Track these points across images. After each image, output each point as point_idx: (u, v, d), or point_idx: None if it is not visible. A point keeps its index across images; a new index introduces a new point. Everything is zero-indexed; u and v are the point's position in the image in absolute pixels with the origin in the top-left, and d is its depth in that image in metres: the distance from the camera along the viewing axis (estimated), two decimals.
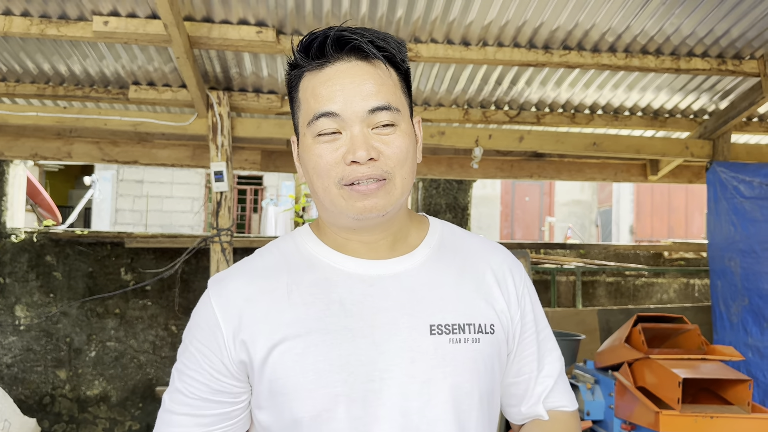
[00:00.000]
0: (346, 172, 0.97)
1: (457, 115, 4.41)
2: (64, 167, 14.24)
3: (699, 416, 2.64)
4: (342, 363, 0.97)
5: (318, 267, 1.05)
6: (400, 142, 1.00)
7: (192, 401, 1.02)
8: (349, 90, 0.97)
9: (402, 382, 0.98)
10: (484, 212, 15.23)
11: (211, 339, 1.02)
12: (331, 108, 0.97)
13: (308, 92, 1.00)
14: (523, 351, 1.14)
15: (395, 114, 1.00)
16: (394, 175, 1.00)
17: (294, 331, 0.99)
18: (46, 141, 4.61)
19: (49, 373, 5.09)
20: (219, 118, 4.04)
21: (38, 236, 5.16)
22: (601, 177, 5.35)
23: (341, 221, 1.04)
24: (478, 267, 1.11)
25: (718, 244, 4.32)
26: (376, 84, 0.99)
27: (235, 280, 1.06)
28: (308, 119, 1.00)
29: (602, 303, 5.88)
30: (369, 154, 0.96)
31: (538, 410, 1.15)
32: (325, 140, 0.98)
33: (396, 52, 1.02)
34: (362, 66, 0.99)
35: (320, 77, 0.99)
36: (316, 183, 1.01)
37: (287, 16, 3.33)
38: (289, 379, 0.97)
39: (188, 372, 1.03)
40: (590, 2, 3.24)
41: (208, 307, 1.04)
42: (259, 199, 14.07)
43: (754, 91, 3.98)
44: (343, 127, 0.98)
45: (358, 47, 0.98)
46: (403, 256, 1.07)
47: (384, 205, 1.00)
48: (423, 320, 1.02)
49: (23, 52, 3.71)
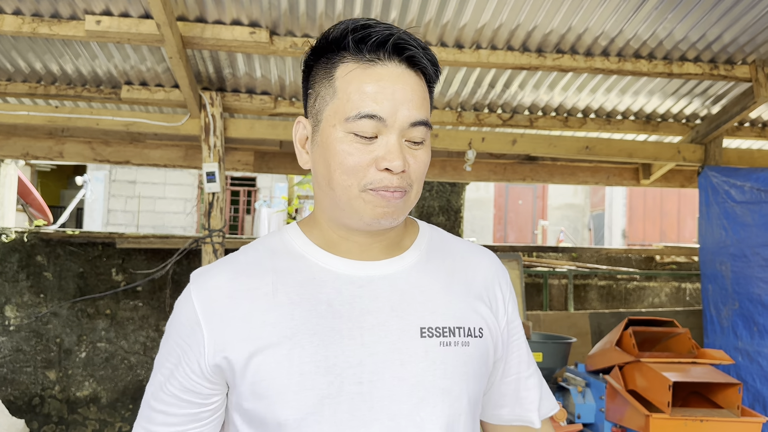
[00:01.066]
0: (377, 177, 0.96)
1: (451, 118, 4.42)
2: (56, 167, 14.18)
3: (689, 420, 2.64)
4: (329, 365, 0.95)
5: (306, 266, 1.03)
6: (424, 158, 1.00)
7: (167, 398, 1.01)
8: (399, 96, 0.95)
9: (391, 384, 0.97)
10: (477, 215, 15.25)
11: (190, 336, 0.99)
12: (378, 111, 0.94)
13: (352, 85, 0.96)
14: (512, 353, 1.14)
15: (428, 131, 1.00)
16: (412, 188, 1.00)
17: (279, 331, 0.96)
18: (37, 140, 4.59)
19: (38, 374, 5.05)
20: (212, 119, 4.03)
21: (29, 236, 5.13)
22: (594, 181, 5.37)
23: (351, 220, 1.01)
24: (466, 271, 1.10)
25: (709, 248, 4.33)
26: (420, 97, 0.98)
27: (217, 275, 1.02)
28: (348, 114, 0.95)
29: (594, 306, 5.89)
30: (403, 166, 0.95)
31: (532, 417, 1.15)
32: (359, 140, 0.96)
33: (438, 69, 1.02)
34: (411, 75, 0.98)
35: (370, 74, 0.96)
36: (337, 179, 0.97)
37: (281, 17, 3.33)
38: (274, 381, 0.95)
39: (167, 365, 1.02)
40: (583, 6, 3.25)
41: (189, 303, 1.01)
42: (252, 200, 14.04)
43: (745, 96, 4.00)
44: (381, 132, 0.96)
45: (415, 57, 0.97)
46: (393, 258, 1.06)
47: (399, 215, 1.00)
48: (413, 323, 1.00)
49: (15, 50, 3.70)
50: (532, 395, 1.16)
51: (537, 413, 1.15)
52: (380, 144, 0.96)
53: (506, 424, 1.18)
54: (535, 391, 1.16)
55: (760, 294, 3.85)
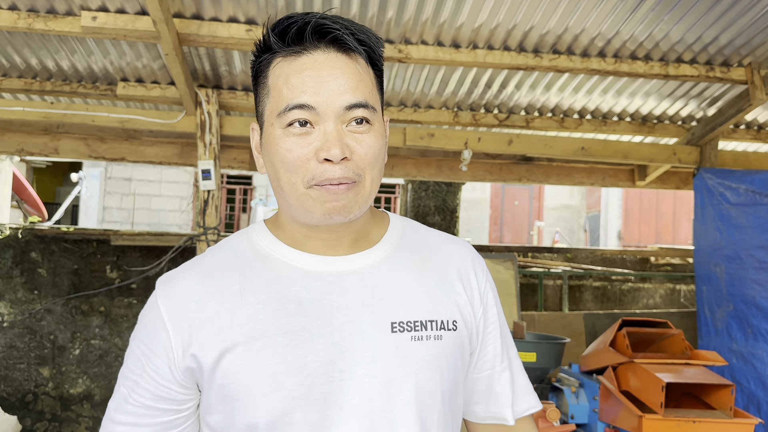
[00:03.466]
0: (318, 171, 0.92)
1: (447, 118, 4.42)
2: (51, 164, 14.13)
3: (682, 420, 2.65)
4: (299, 365, 0.93)
5: (273, 265, 1.00)
6: (373, 142, 0.95)
7: (135, 409, 0.98)
8: (327, 83, 0.92)
9: (362, 382, 0.95)
10: (473, 215, 15.26)
11: (157, 342, 0.97)
12: (306, 100, 0.92)
13: (281, 79, 0.94)
14: (487, 346, 1.11)
15: (371, 112, 0.95)
16: (365, 176, 0.95)
17: (247, 332, 0.94)
18: (32, 136, 4.58)
19: (32, 371, 5.04)
20: (207, 116, 4.02)
21: (23, 232, 5.12)
22: (590, 182, 5.37)
23: (305, 218, 0.98)
24: (440, 262, 1.08)
25: (704, 249, 4.34)
26: (354, 79, 0.94)
27: (183, 281, 1.00)
28: (279, 109, 0.94)
29: (589, 307, 5.90)
30: (343, 153, 0.91)
31: (505, 414, 1.11)
32: (295, 133, 0.93)
33: (375, 48, 0.98)
34: (341, 59, 0.94)
35: (295, 65, 0.93)
36: (282, 177, 0.95)
37: (277, 14, 3.32)
38: (243, 384, 0.93)
39: (132, 376, 0.99)
40: (580, 7, 3.25)
41: (155, 309, 0.98)
42: (248, 198, 14.03)
43: (741, 99, 4.01)
44: (317, 122, 0.93)
45: (339, 38, 0.93)
46: (362, 252, 1.03)
47: (352, 207, 0.95)
48: (384, 318, 0.98)
49: (10, 46, 3.68)
50: (505, 391, 1.11)
51: (510, 410, 1.11)
52: (317, 134, 0.93)
53: (481, 422, 1.14)
54: (509, 386, 1.12)
55: (755, 296, 3.86)
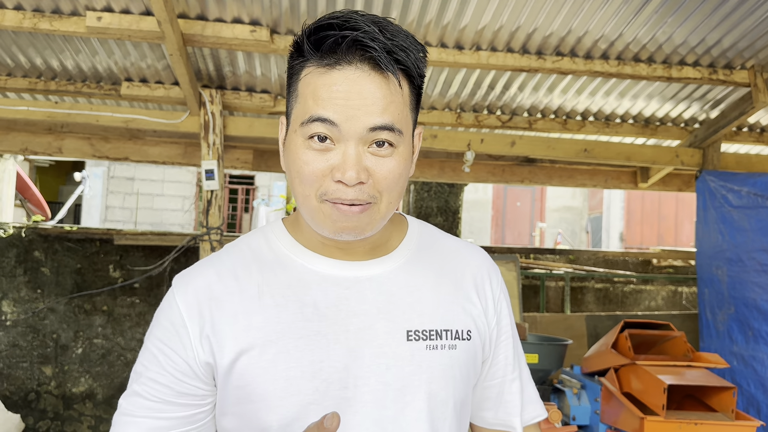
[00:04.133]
0: (331, 188, 0.90)
1: (450, 119, 4.42)
2: (54, 163, 14.17)
3: (683, 422, 2.65)
4: (314, 370, 0.93)
5: (291, 267, 1.00)
6: (393, 166, 0.92)
7: (153, 404, 0.96)
8: (353, 102, 0.88)
9: (376, 389, 0.95)
10: (475, 216, 15.26)
11: (175, 339, 0.95)
12: (330, 116, 0.88)
13: (309, 89, 0.91)
14: (499, 355, 1.11)
15: (397, 136, 0.91)
16: (381, 199, 0.92)
17: (264, 335, 0.94)
18: (36, 136, 4.59)
19: (34, 370, 5.05)
20: (211, 117, 4.04)
21: (27, 231, 5.13)
22: (592, 183, 5.38)
23: (317, 230, 0.97)
24: (456, 271, 1.07)
25: (706, 252, 4.35)
26: (384, 101, 0.89)
27: (202, 278, 0.99)
28: (303, 118, 0.91)
29: (590, 309, 5.90)
30: (359, 177, 0.88)
31: (514, 423, 1.12)
32: (316, 147, 0.90)
33: (414, 66, 0.93)
34: (374, 77, 0.89)
35: (325, 79, 0.89)
36: (297, 188, 0.94)
37: (282, 15, 3.33)
38: (258, 387, 0.93)
39: (149, 374, 0.96)
40: (584, 9, 3.26)
41: (173, 306, 0.97)
42: (250, 198, 14.04)
43: (744, 101, 4.01)
44: (338, 139, 0.89)
45: (373, 59, 0.89)
46: (380, 258, 1.02)
47: (363, 229, 0.93)
48: (400, 325, 0.98)
49: (15, 45, 3.70)
50: (515, 399, 1.13)
51: (519, 418, 1.12)
52: (336, 153, 0.90)
53: (490, 427, 1.15)
54: (518, 395, 1.13)
55: (756, 299, 3.87)
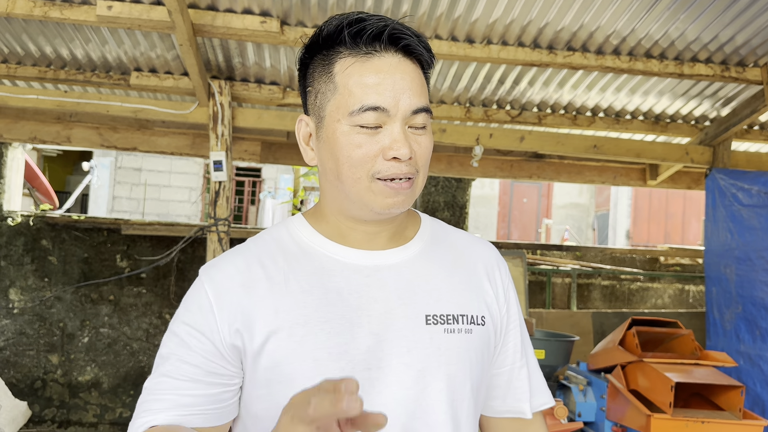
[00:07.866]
0: (385, 166, 0.98)
1: (459, 113, 4.41)
2: (62, 152, 14.20)
3: (690, 421, 2.64)
4: (340, 351, 0.98)
5: (314, 256, 1.05)
6: (428, 143, 1.03)
7: (180, 383, 0.99)
8: (399, 86, 0.98)
9: (398, 370, 1.00)
10: (481, 212, 15.24)
11: (203, 323, 1.00)
12: (381, 103, 0.97)
13: (352, 78, 0.98)
14: (508, 342, 1.16)
15: (429, 116, 1.02)
16: (420, 173, 1.02)
17: (292, 318, 0.99)
18: (45, 125, 4.60)
19: (41, 358, 5.08)
20: (220, 108, 4.03)
21: (35, 220, 5.15)
22: (601, 180, 5.35)
23: (358, 212, 1.04)
24: (468, 260, 1.14)
25: (714, 250, 4.32)
26: (419, 84, 1.01)
27: (230, 266, 1.04)
28: (352, 108, 0.97)
29: (597, 306, 5.89)
30: (410, 153, 0.98)
31: (523, 408, 1.16)
32: (365, 132, 0.98)
33: (429, 56, 1.04)
34: (407, 64, 1.00)
35: (369, 67, 0.98)
36: (346, 171, 1.00)
37: (292, 6, 3.32)
38: (288, 367, 0.97)
39: (176, 356, 1.00)
40: (596, 4, 3.23)
41: (201, 293, 1.02)
42: (257, 191, 14.05)
43: (756, 99, 3.98)
44: (385, 122, 0.98)
45: (410, 46, 1.00)
46: (398, 247, 1.09)
47: (406, 202, 1.02)
48: (419, 310, 1.03)
49: (25, 33, 3.70)
50: (524, 386, 1.17)
51: (528, 404, 1.16)
52: (385, 134, 0.98)
53: (497, 416, 1.18)
54: (527, 381, 1.17)
55: (764, 298, 3.85)
